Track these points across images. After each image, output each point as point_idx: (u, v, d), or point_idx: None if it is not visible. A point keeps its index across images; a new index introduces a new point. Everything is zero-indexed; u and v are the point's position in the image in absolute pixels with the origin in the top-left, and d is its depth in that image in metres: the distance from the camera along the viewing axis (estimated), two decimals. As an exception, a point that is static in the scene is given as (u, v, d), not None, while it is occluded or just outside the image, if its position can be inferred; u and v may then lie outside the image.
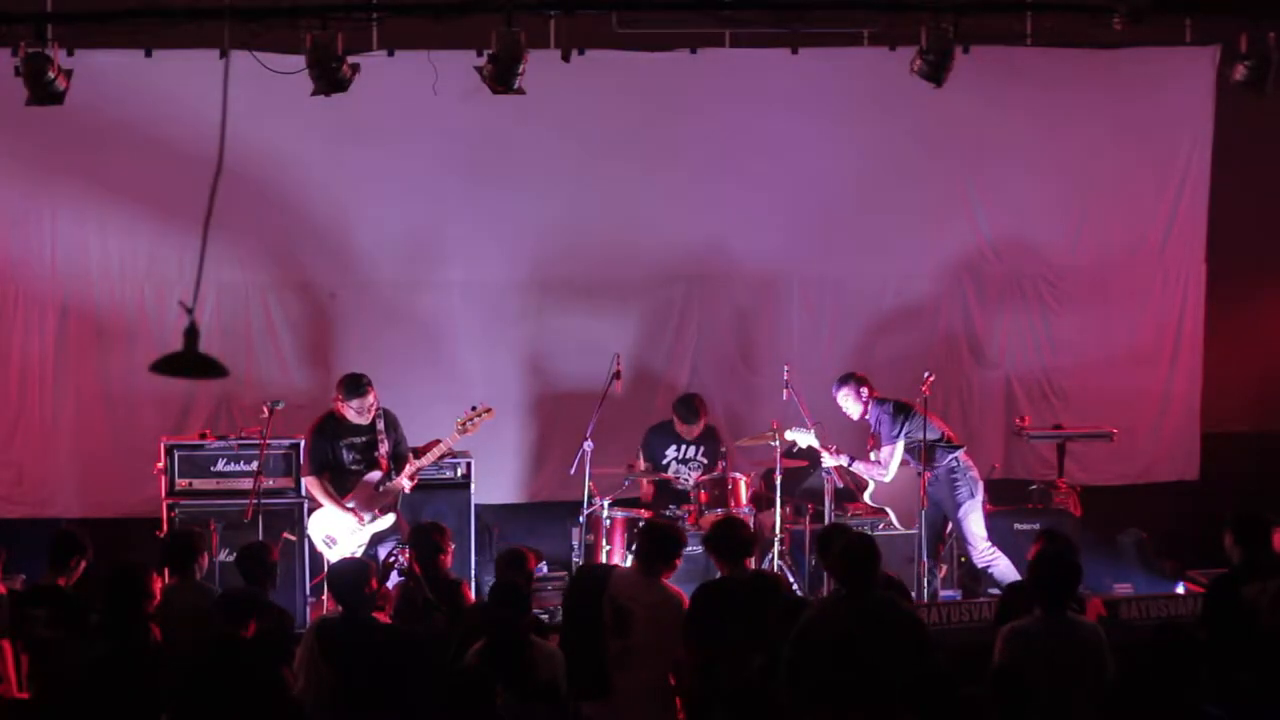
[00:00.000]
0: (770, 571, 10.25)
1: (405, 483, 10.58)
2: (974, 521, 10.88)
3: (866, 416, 11.10)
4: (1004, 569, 10.71)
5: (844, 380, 11.17)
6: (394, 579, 10.00)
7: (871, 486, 11.25)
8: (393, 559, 9.69)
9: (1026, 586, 8.15)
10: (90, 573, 8.65)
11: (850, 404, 11.15)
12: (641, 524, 9.65)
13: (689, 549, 10.51)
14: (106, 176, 11.75)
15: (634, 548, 8.90)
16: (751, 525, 11.06)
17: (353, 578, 8.00)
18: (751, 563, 8.77)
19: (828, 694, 6.97)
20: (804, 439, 11.04)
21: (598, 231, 12.24)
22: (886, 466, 10.92)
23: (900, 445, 10.88)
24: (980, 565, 10.89)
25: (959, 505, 10.87)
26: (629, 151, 12.19)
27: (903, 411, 10.96)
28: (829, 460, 10.98)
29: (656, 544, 8.30)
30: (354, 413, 10.53)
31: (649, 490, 11.49)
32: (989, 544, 10.87)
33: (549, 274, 12.31)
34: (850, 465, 11.04)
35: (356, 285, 12.21)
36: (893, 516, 11.05)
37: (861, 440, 11.28)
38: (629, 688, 7.92)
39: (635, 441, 11.61)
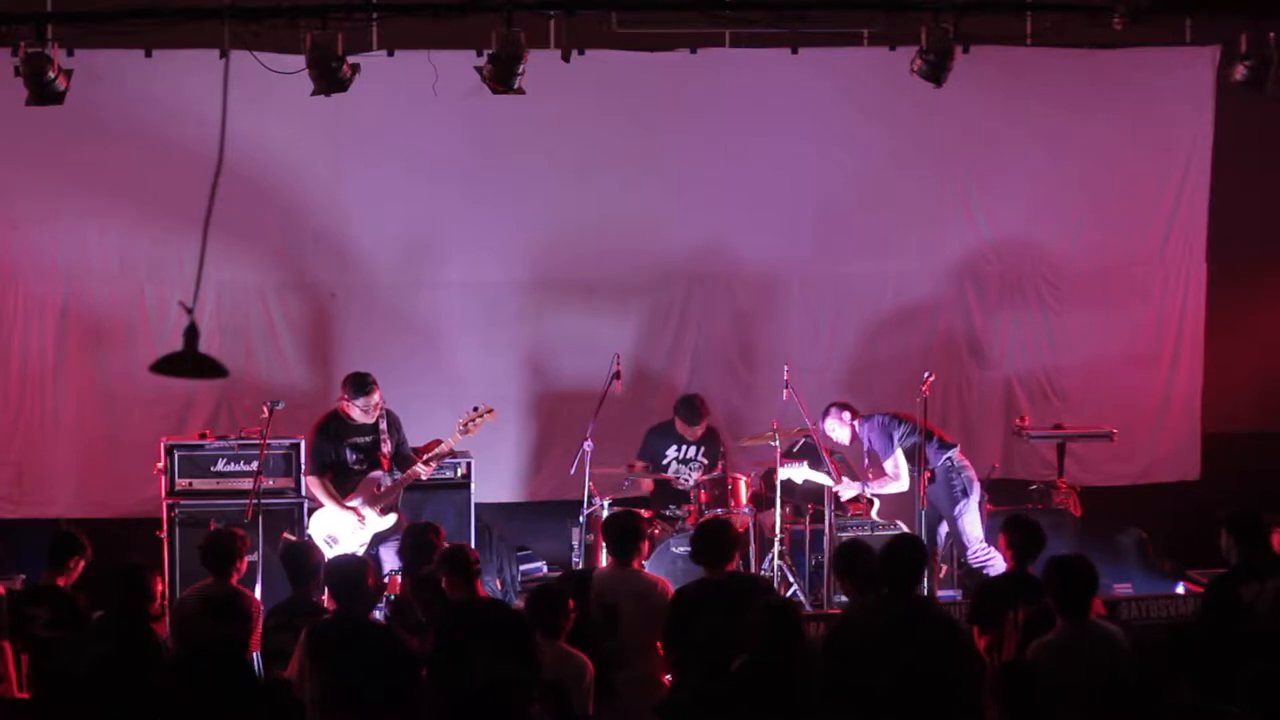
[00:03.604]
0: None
1: (421, 469, 10.56)
2: (969, 522, 10.88)
3: (858, 438, 11.13)
4: (999, 569, 10.69)
5: (825, 412, 11.21)
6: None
7: (877, 504, 11.25)
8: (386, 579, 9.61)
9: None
10: (90, 573, 8.65)
11: (839, 431, 11.18)
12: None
13: (689, 549, 10.67)
14: (106, 176, 11.74)
15: (605, 547, 8.91)
16: (751, 525, 11.10)
17: (352, 574, 7.96)
18: (741, 565, 8.75)
19: (862, 694, 6.98)
20: (799, 474, 11.01)
21: (598, 231, 12.24)
22: (898, 476, 10.91)
23: (899, 453, 10.88)
24: (975, 565, 10.89)
25: (954, 505, 10.88)
26: (629, 151, 12.20)
27: (891, 421, 10.98)
28: (846, 492, 10.96)
29: (619, 533, 8.39)
30: (359, 412, 10.52)
31: (649, 489, 11.50)
32: (984, 544, 10.87)
33: (549, 274, 12.31)
34: (866, 490, 11.04)
35: (356, 285, 12.21)
36: (903, 526, 11.03)
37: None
38: (627, 684, 7.92)
39: (635, 441, 11.61)
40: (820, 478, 10.92)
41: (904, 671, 6.81)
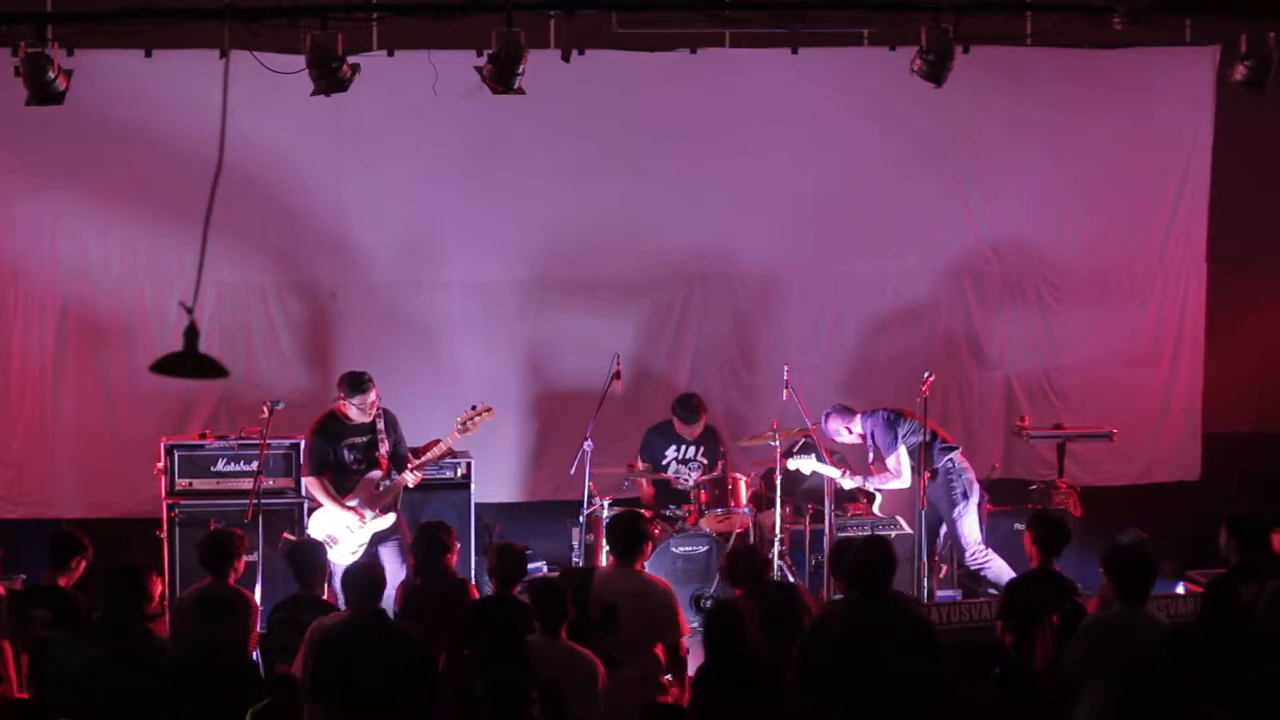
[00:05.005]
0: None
1: (409, 476, 10.57)
2: (967, 524, 10.89)
3: (862, 435, 11.13)
4: (997, 571, 10.71)
5: (827, 416, 11.21)
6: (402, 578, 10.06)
7: (879, 499, 11.25)
8: None
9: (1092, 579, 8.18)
10: (90, 573, 8.66)
11: (843, 432, 11.17)
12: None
13: (689, 549, 10.71)
14: (106, 176, 11.74)
15: (606, 546, 8.97)
16: (751, 525, 11.12)
17: (369, 578, 8.00)
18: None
19: (837, 695, 7.00)
20: (807, 465, 11.01)
21: (598, 231, 12.23)
22: (899, 474, 10.91)
23: (903, 449, 10.88)
24: (973, 567, 10.91)
25: (953, 506, 10.89)
26: (629, 151, 12.20)
27: (895, 418, 10.99)
28: (847, 483, 10.98)
29: (622, 534, 8.44)
30: (356, 410, 10.51)
31: (649, 490, 11.50)
32: (982, 546, 10.89)
33: (549, 274, 12.31)
34: (866, 484, 11.04)
35: (356, 285, 12.21)
36: (903, 523, 11.03)
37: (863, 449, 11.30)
38: (625, 684, 7.92)
39: (635, 441, 11.62)
40: (827, 469, 10.92)
41: (885, 674, 6.84)
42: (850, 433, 11.17)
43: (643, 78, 12.12)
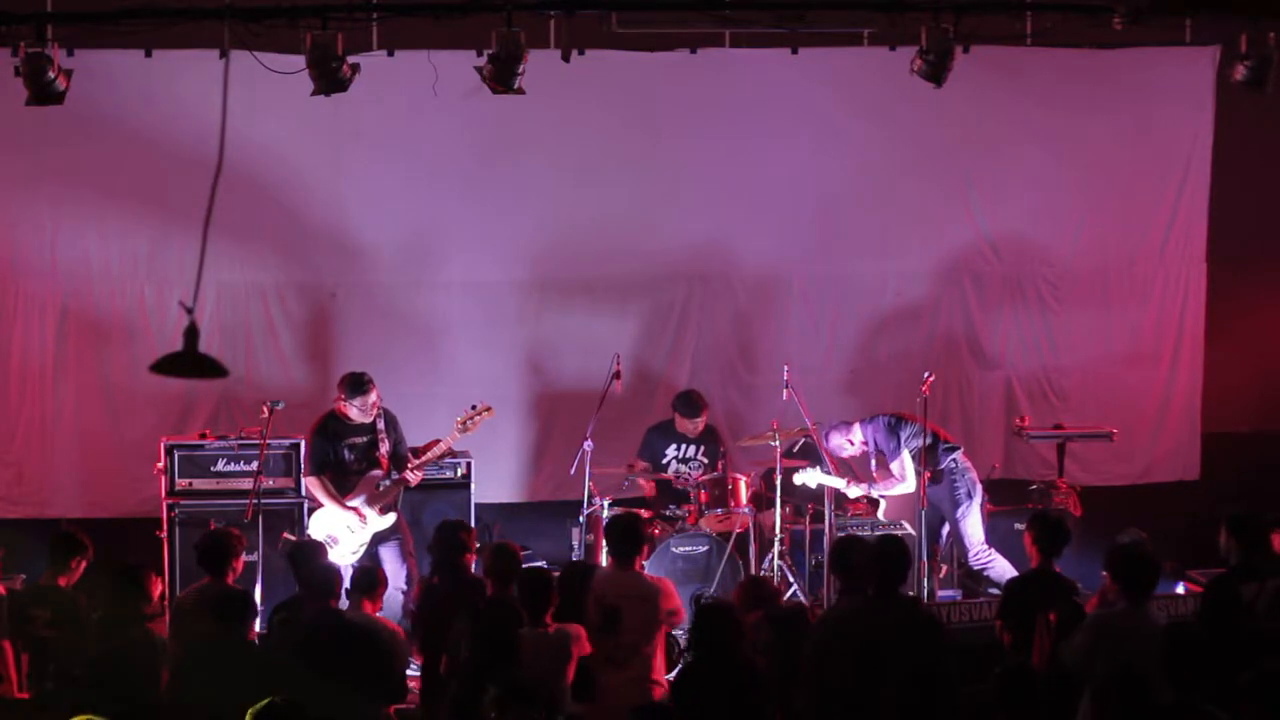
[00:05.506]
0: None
1: (411, 475, 10.58)
2: (971, 524, 10.89)
3: (864, 443, 11.12)
4: (1000, 571, 10.72)
5: (827, 434, 11.22)
6: (402, 578, 10.10)
7: (883, 505, 11.24)
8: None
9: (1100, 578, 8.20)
10: (90, 573, 8.66)
11: (846, 446, 11.17)
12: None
13: (689, 549, 10.71)
14: (106, 176, 11.74)
15: (605, 547, 8.98)
16: (751, 525, 11.12)
17: (324, 578, 8.07)
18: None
19: (844, 694, 7.01)
20: (812, 479, 10.99)
21: (598, 231, 12.23)
22: (904, 478, 10.91)
23: (906, 454, 10.88)
24: (976, 567, 10.91)
25: (957, 506, 10.89)
26: (629, 151, 12.20)
27: (897, 422, 10.99)
28: (852, 491, 10.98)
29: (621, 536, 8.47)
30: (357, 411, 10.52)
31: (649, 490, 11.50)
32: (985, 546, 10.89)
33: (549, 274, 12.31)
34: (871, 491, 11.04)
35: (357, 285, 12.21)
36: (908, 527, 11.03)
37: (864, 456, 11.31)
38: (618, 685, 7.93)
39: (635, 441, 11.62)
40: (832, 481, 10.92)
41: (892, 673, 6.84)
42: (852, 444, 11.17)
43: (643, 78, 12.11)
